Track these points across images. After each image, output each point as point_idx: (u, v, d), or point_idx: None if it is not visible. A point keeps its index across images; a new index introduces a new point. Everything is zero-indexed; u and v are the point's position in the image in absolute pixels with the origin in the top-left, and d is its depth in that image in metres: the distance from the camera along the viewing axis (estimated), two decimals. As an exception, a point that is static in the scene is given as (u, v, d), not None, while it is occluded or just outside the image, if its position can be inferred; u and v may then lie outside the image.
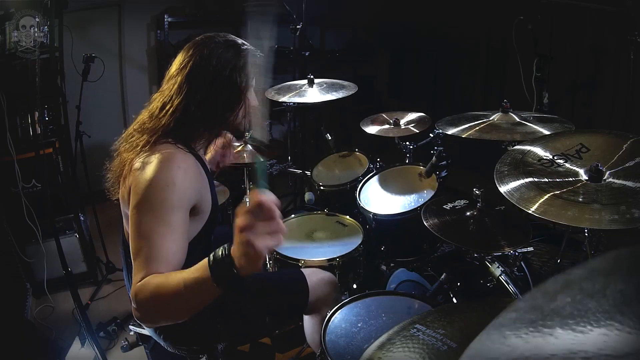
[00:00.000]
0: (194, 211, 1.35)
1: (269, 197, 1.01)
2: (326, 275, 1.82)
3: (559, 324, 0.36)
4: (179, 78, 1.39)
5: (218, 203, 1.59)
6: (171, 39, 3.89)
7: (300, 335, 1.90)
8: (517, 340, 0.37)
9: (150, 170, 1.25)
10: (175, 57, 1.46)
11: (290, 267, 1.96)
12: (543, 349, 0.35)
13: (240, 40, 1.48)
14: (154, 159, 1.27)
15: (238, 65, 1.42)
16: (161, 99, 1.42)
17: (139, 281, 1.12)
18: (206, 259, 1.07)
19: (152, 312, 1.14)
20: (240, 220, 1.00)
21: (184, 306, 1.11)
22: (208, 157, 1.87)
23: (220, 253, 1.05)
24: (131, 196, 1.26)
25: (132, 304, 1.12)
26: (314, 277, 1.74)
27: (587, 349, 0.33)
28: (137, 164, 1.30)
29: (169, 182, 1.24)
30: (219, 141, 1.81)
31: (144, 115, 1.45)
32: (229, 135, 1.81)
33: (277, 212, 1.02)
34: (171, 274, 1.13)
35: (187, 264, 1.15)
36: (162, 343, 1.58)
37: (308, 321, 1.83)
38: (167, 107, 1.39)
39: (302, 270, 1.79)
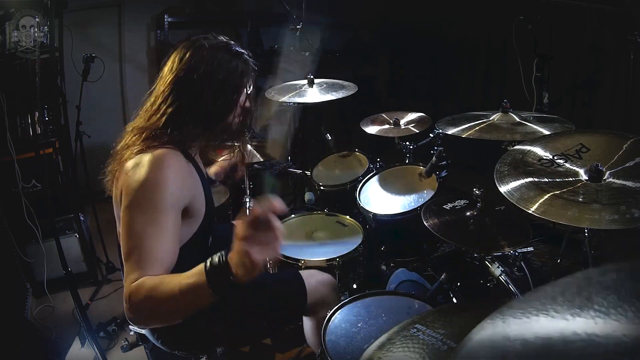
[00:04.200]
0: (186, 213, 1.34)
1: (270, 206, 1.02)
2: (325, 277, 1.81)
3: (600, 295, 0.40)
4: (170, 79, 1.38)
5: (214, 207, 1.58)
6: (171, 39, 3.89)
7: (300, 335, 1.90)
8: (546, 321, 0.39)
9: (141, 171, 1.26)
10: (169, 56, 1.44)
11: (289, 269, 1.94)
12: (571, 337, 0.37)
13: (232, 43, 1.47)
14: (145, 160, 1.28)
15: (229, 67, 1.41)
16: (153, 100, 1.41)
17: (133, 282, 1.12)
18: (202, 265, 1.08)
19: (145, 314, 1.14)
20: (239, 230, 1.02)
21: (177, 310, 1.12)
22: (219, 165, 1.86)
23: (217, 259, 1.06)
24: (123, 197, 1.26)
25: (125, 305, 1.12)
26: (313, 280, 1.73)
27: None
28: (128, 165, 1.30)
29: (159, 182, 1.24)
30: (236, 157, 1.82)
31: (139, 116, 1.45)
32: (246, 153, 1.82)
33: (276, 224, 1.03)
34: (166, 277, 1.13)
35: (182, 267, 1.15)
36: (159, 346, 1.57)
37: (307, 322, 1.82)
38: (158, 109, 1.38)
39: (301, 272, 1.77)
